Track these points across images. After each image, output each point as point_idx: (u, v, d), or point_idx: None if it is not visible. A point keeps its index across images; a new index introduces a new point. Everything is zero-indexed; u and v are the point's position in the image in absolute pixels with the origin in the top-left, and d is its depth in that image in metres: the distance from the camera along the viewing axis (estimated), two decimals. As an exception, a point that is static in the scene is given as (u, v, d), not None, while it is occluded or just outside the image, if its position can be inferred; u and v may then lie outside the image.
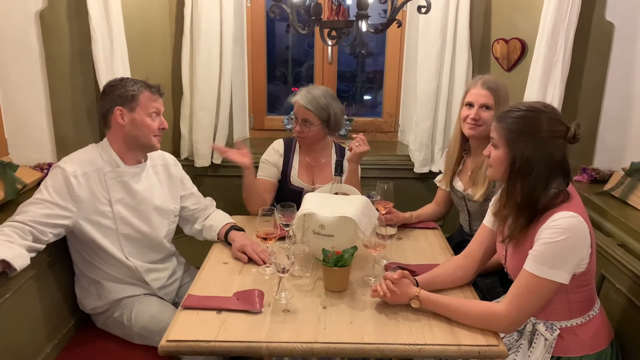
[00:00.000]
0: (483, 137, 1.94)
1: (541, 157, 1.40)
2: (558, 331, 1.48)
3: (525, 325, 1.54)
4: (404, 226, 2.13)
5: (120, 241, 1.81)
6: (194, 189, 2.11)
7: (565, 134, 1.42)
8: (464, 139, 2.07)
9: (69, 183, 1.68)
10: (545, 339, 1.49)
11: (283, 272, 1.52)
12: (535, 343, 1.51)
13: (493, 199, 1.68)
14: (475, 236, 1.72)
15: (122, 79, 1.82)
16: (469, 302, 1.50)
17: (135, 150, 1.84)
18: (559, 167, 1.43)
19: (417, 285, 1.55)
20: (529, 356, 1.51)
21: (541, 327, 1.50)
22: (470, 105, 1.96)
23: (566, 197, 1.43)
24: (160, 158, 2.00)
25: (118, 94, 1.77)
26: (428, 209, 2.24)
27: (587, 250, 1.42)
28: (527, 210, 1.44)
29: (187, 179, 2.09)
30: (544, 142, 1.41)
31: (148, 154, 1.91)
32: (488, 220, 1.68)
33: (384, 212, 1.98)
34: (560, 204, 1.41)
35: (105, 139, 1.83)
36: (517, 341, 1.58)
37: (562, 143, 1.43)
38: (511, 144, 1.43)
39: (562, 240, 1.36)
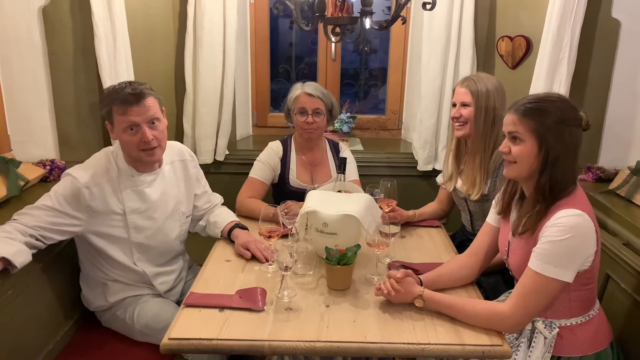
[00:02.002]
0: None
1: (569, 145, 1.40)
2: (557, 329, 1.47)
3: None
4: (408, 224, 2.12)
5: (132, 249, 1.79)
6: (207, 186, 2.09)
7: (581, 122, 1.43)
8: (461, 140, 2.07)
9: (80, 194, 1.64)
10: (545, 337, 1.48)
11: (286, 270, 1.51)
12: (534, 342, 1.50)
13: (496, 197, 1.67)
14: (478, 234, 1.71)
15: (105, 91, 1.70)
16: (473, 302, 1.49)
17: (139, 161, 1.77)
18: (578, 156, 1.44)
19: (421, 284, 1.54)
20: (529, 356, 1.50)
21: (540, 325, 1.49)
22: (454, 105, 2.00)
23: (573, 188, 1.43)
24: (178, 153, 1.95)
25: (103, 110, 1.72)
26: (431, 208, 2.23)
27: (592, 249, 1.41)
28: (549, 199, 1.42)
29: (202, 176, 2.06)
30: (569, 130, 1.40)
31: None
32: (492, 218, 1.68)
33: (387, 210, 1.97)
34: (568, 194, 1.42)
35: (118, 145, 1.77)
36: (516, 339, 1.57)
37: (580, 131, 1.43)
38: (542, 135, 1.40)
39: (566, 239, 1.35)
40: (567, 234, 1.35)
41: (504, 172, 1.53)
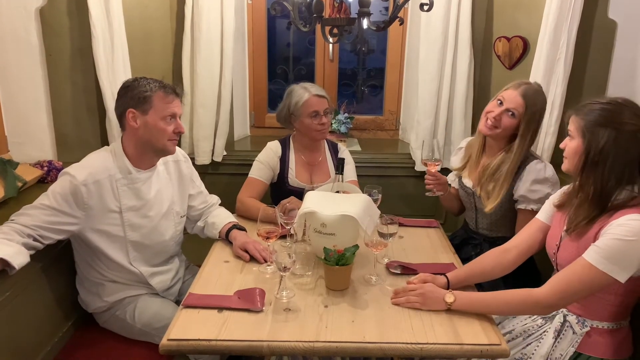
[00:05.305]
0: (499, 138, 1.93)
1: (617, 150, 1.37)
2: (588, 328, 1.48)
3: (555, 316, 1.54)
4: (406, 225, 2.12)
5: (127, 248, 1.79)
6: (202, 187, 2.09)
7: None
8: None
9: (78, 192, 1.64)
10: (574, 332, 1.49)
11: (284, 271, 1.52)
12: (563, 334, 1.51)
13: (562, 189, 1.64)
14: (524, 229, 1.69)
15: (136, 79, 1.74)
16: (504, 293, 1.49)
17: (148, 154, 1.79)
18: (636, 165, 1.39)
19: (448, 285, 1.59)
20: (554, 349, 1.51)
21: (572, 319, 1.50)
22: (500, 102, 1.90)
23: None
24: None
25: (131, 95, 1.71)
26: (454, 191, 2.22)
27: None
28: (598, 203, 1.41)
29: (197, 176, 2.07)
30: (622, 136, 1.37)
31: None
32: (543, 215, 1.66)
33: (433, 170, 2.03)
34: (635, 205, 1.38)
35: (118, 142, 1.78)
36: (540, 327, 1.57)
37: None
38: (586, 134, 1.40)
39: (630, 240, 1.32)
40: (633, 237, 1.32)
41: (562, 166, 1.54)
